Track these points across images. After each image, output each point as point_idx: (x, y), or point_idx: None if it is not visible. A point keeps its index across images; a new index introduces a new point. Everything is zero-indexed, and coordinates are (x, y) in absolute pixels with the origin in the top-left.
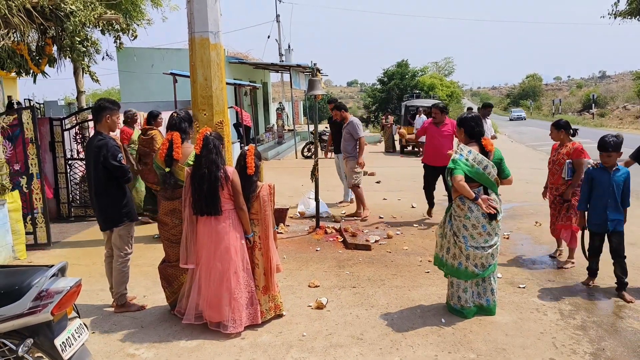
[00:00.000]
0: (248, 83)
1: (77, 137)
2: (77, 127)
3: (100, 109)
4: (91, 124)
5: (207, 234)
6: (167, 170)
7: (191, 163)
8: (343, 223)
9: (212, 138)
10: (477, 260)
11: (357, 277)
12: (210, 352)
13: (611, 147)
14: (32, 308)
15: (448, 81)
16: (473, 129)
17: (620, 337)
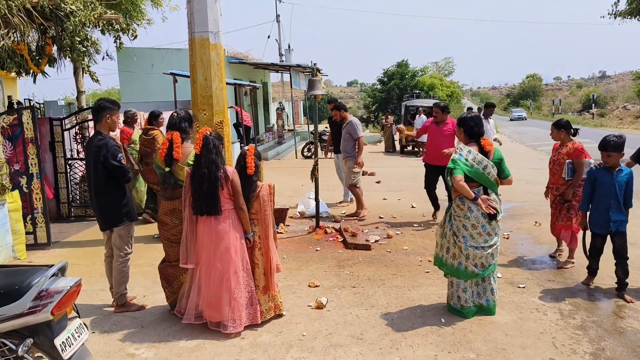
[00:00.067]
0: (248, 83)
1: (77, 137)
2: (77, 127)
3: (100, 109)
4: (91, 124)
5: (207, 234)
6: (167, 170)
7: (191, 163)
8: (343, 223)
9: (212, 138)
10: (477, 260)
11: (357, 277)
12: (210, 352)
13: (611, 147)
14: (32, 308)
15: (448, 81)
16: (472, 129)
17: (620, 337)
